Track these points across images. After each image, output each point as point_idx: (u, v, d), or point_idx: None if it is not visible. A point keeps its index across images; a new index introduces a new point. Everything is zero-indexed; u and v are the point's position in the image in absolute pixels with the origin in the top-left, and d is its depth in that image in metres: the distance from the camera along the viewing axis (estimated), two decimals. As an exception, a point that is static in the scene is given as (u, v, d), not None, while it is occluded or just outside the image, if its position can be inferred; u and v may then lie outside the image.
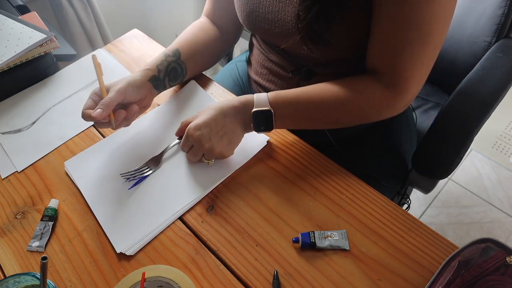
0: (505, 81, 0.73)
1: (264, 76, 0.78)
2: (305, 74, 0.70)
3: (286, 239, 0.55)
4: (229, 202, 0.60)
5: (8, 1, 0.97)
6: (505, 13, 0.76)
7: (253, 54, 0.81)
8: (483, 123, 0.72)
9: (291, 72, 0.71)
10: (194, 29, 0.77)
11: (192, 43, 0.74)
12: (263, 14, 0.65)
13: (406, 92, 0.59)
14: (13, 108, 0.77)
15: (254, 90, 0.83)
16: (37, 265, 0.56)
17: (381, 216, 0.57)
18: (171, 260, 0.55)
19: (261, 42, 0.76)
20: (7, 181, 0.67)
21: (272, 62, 0.74)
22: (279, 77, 0.75)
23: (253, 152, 0.66)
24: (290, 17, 0.61)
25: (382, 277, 0.51)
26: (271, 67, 0.75)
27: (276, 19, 0.64)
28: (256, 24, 0.68)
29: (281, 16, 0.63)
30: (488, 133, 1.72)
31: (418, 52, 0.55)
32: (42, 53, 0.80)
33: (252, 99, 0.61)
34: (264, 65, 0.77)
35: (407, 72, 0.57)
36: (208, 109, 0.62)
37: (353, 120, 0.63)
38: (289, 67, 0.71)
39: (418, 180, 0.81)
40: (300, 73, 0.70)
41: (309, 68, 0.69)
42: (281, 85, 0.75)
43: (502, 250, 0.48)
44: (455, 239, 1.40)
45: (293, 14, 0.61)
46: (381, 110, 0.62)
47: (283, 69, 0.73)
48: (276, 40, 0.68)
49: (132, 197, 0.62)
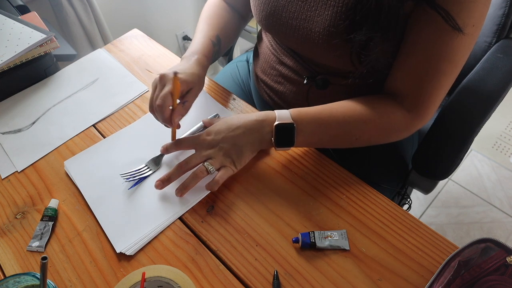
0: (505, 82, 0.73)
1: (272, 77, 0.77)
2: (321, 83, 0.69)
3: (286, 239, 0.55)
4: (229, 202, 0.60)
5: (8, 1, 0.97)
6: (505, 14, 0.76)
7: (262, 52, 0.80)
8: (483, 123, 0.72)
9: (306, 78, 0.70)
10: (219, 10, 0.77)
11: (226, 29, 0.76)
12: (286, 19, 0.64)
13: (425, 116, 0.61)
14: (13, 108, 0.77)
15: (258, 90, 0.83)
16: (37, 265, 0.56)
17: (381, 216, 0.57)
18: (171, 260, 0.55)
19: (274, 42, 0.75)
20: (7, 181, 0.67)
21: (284, 65, 0.73)
22: (289, 81, 0.74)
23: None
24: (320, 28, 0.60)
25: (382, 277, 0.51)
26: (281, 69, 0.74)
27: (301, 26, 0.62)
28: (275, 27, 0.67)
29: (307, 25, 0.61)
30: (488, 133, 1.72)
31: (444, 81, 0.57)
32: (42, 53, 0.80)
33: (273, 115, 0.60)
34: (274, 66, 0.76)
35: (431, 98, 0.59)
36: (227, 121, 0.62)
37: (372, 140, 0.63)
38: (304, 73, 0.70)
39: (418, 180, 0.81)
40: (315, 81, 0.69)
41: (324, 77, 0.68)
42: (290, 88, 0.74)
43: (502, 250, 0.48)
44: (455, 239, 1.40)
45: (322, 25, 0.59)
46: (400, 133, 0.63)
47: (296, 74, 0.72)
48: (296, 46, 0.67)
49: (132, 197, 0.62)
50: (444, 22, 0.51)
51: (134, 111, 0.75)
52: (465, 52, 0.55)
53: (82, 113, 0.76)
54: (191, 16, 1.75)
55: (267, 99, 0.80)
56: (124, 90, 0.79)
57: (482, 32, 0.83)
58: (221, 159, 0.60)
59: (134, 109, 0.76)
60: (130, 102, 0.77)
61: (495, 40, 0.80)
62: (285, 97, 0.75)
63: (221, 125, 0.61)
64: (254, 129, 0.60)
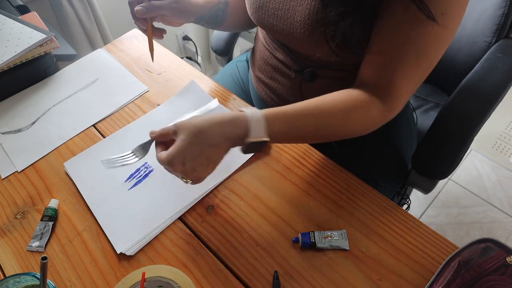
0: (505, 81, 0.73)
1: (267, 73, 0.77)
2: (309, 76, 0.70)
3: (286, 239, 0.55)
4: (229, 202, 0.60)
5: (8, 1, 0.97)
6: (505, 13, 0.76)
7: (258, 49, 0.81)
8: (483, 123, 0.72)
9: (294, 72, 0.71)
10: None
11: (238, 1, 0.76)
12: (272, 10, 0.65)
13: (394, 108, 0.58)
14: (13, 108, 0.77)
15: (255, 88, 0.83)
16: (37, 265, 0.56)
17: (381, 216, 0.57)
18: (171, 260, 0.55)
19: (267, 38, 0.76)
20: (7, 181, 0.67)
21: (277, 59, 0.74)
22: (283, 75, 0.74)
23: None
24: (300, 17, 0.61)
25: (382, 277, 0.51)
26: (275, 64, 0.75)
27: (285, 16, 0.63)
28: (264, 19, 0.68)
29: (290, 15, 0.63)
30: (488, 133, 1.71)
31: (411, 71, 0.55)
32: (42, 53, 0.80)
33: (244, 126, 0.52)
34: (268, 62, 0.76)
35: (397, 88, 0.56)
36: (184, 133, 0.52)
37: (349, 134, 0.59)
38: (293, 66, 0.71)
39: (418, 180, 0.81)
40: (303, 74, 0.70)
41: (312, 70, 0.69)
42: (283, 83, 0.74)
43: (502, 250, 0.48)
44: (455, 239, 1.40)
45: (303, 14, 0.60)
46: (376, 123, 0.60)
47: (287, 68, 0.73)
48: (283, 37, 0.68)
49: (132, 197, 0.62)
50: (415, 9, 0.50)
51: (134, 111, 0.75)
52: (436, 43, 0.53)
53: (82, 113, 0.76)
54: (191, 16, 1.75)
55: (264, 96, 0.81)
56: (124, 90, 0.79)
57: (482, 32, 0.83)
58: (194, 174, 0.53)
59: (134, 109, 0.76)
60: (130, 102, 0.77)
61: (495, 40, 0.80)
62: (280, 93, 0.76)
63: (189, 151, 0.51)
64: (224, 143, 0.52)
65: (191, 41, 1.75)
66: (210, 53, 1.94)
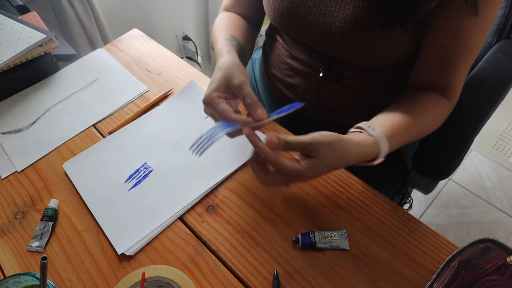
0: (506, 82, 0.73)
1: (283, 71, 0.77)
2: (335, 77, 0.69)
3: (286, 239, 0.55)
4: (229, 202, 0.60)
5: (8, 1, 0.97)
6: (505, 14, 0.76)
7: (272, 47, 0.80)
8: (484, 123, 0.72)
9: (322, 72, 0.70)
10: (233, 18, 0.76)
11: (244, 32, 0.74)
12: (303, 15, 0.64)
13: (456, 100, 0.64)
14: (13, 108, 0.77)
15: (267, 84, 0.83)
16: (37, 265, 0.56)
17: (381, 216, 0.57)
18: (171, 260, 0.55)
19: (286, 38, 0.75)
20: (7, 181, 0.67)
21: (297, 59, 0.73)
22: (301, 75, 0.73)
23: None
24: (340, 22, 0.60)
25: (382, 277, 0.51)
26: (293, 64, 0.74)
27: (320, 21, 0.63)
28: (292, 23, 0.66)
29: (327, 20, 0.62)
30: (488, 133, 1.72)
31: (463, 65, 0.60)
32: (42, 53, 0.80)
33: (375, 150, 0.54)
34: (285, 61, 0.76)
35: (459, 84, 0.62)
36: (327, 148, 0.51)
37: (427, 133, 0.64)
38: (317, 66, 0.70)
39: (419, 180, 0.81)
40: (331, 74, 0.70)
41: (339, 70, 0.69)
42: (301, 81, 0.74)
43: (502, 250, 0.48)
44: (455, 239, 1.40)
45: (343, 20, 0.60)
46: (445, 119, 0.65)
47: (309, 68, 0.72)
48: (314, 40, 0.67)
49: (132, 198, 0.62)
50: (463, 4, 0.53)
51: (134, 111, 0.75)
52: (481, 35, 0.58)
53: (82, 113, 0.76)
54: (191, 16, 1.75)
55: (277, 93, 0.80)
56: (124, 90, 0.79)
57: (482, 32, 0.83)
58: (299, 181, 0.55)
59: (134, 109, 0.76)
60: (130, 102, 0.77)
61: (495, 40, 0.80)
62: (296, 90, 0.75)
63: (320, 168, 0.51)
64: (354, 162, 0.54)
65: (191, 41, 1.75)
66: (210, 53, 1.94)
